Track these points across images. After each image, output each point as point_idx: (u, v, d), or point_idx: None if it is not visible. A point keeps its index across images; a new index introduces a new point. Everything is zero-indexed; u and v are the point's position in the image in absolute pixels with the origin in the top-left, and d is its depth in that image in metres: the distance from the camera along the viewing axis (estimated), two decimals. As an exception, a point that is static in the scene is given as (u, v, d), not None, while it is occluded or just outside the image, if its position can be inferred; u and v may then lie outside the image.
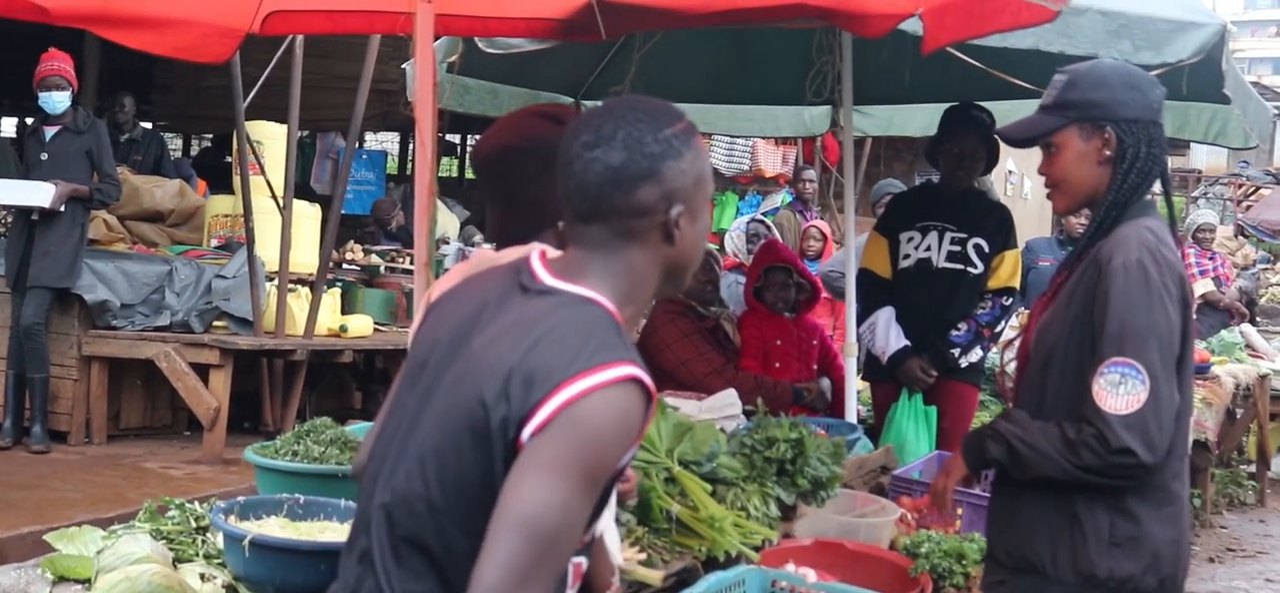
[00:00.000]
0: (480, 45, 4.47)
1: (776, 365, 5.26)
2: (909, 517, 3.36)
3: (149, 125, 11.64)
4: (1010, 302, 4.77)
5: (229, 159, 9.70)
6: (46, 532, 2.66)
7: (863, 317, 4.87)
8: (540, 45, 4.34)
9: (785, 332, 5.36)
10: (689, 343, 5.09)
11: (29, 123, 8.44)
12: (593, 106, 2.13)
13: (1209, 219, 10.71)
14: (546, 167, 1.93)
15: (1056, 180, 2.55)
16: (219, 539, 2.52)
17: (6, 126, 17.79)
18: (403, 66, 4.85)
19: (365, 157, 13.22)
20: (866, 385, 5.18)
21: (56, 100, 6.84)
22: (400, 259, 9.47)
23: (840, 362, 5.18)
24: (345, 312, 8.18)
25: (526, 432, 1.52)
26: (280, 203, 7.42)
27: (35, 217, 6.71)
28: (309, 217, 8.42)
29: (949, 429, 4.59)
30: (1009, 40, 3.75)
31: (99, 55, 10.37)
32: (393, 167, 15.40)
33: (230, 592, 2.44)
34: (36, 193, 6.67)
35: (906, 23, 3.49)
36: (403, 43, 3.85)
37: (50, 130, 6.91)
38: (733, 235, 8.11)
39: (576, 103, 5.76)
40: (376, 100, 9.73)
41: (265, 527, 2.49)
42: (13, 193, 6.83)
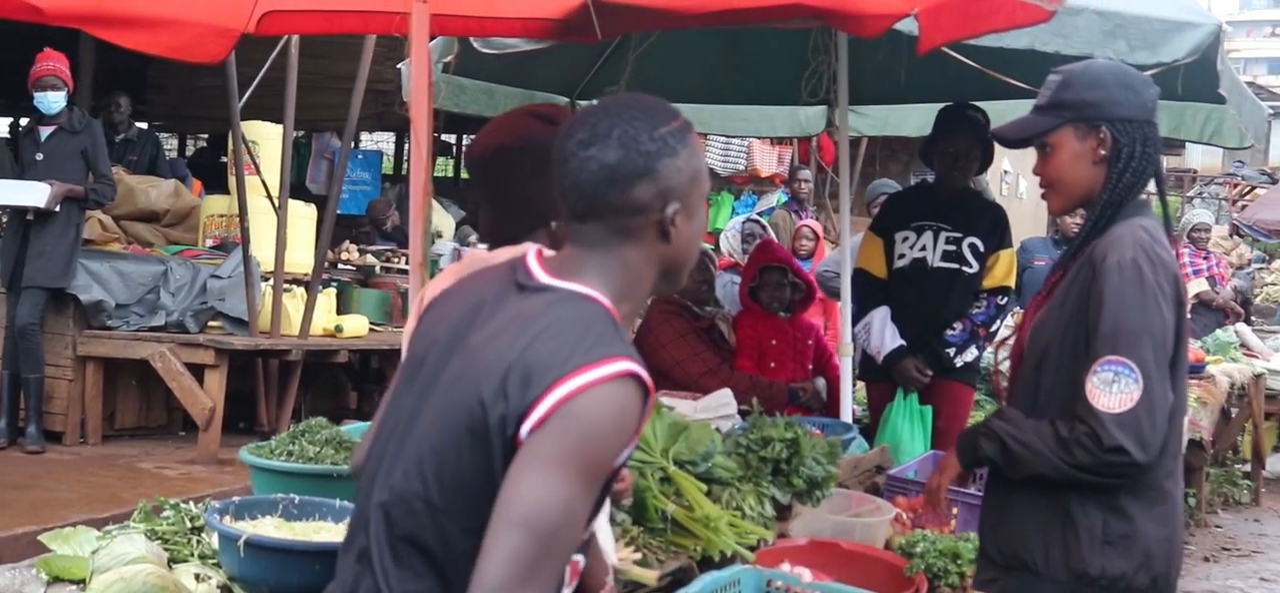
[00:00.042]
0: (475, 45, 4.46)
1: (772, 365, 5.26)
2: (904, 516, 3.36)
3: (144, 125, 11.60)
4: (1005, 301, 4.77)
5: (224, 159, 9.72)
6: (41, 532, 2.66)
7: (858, 317, 4.86)
8: (536, 45, 4.33)
9: (780, 331, 5.36)
10: (684, 343, 5.09)
11: (24, 123, 8.43)
12: (588, 105, 2.12)
13: (1204, 219, 10.71)
14: (540, 167, 1.94)
15: (1051, 180, 2.55)
16: (214, 540, 2.52)
17: (1, 127, 17.74)
18: (398, 66, 4.84)
19: (360, 157, 13.24)
20: (862, 385, 5.19)
21: (51, 100, 6.82)
22: (395, 259, 9.45)
23: (835, 361, 5.18)
24: (340, 312, 8.16)
25: (525, 428, 1.52)
26: (275, 203, 7.41)
27: (30, 217, 6.69)
28: (304, 217, 8.41)
29: (944, 429, 4.59)
30: (1004, 40, 3.74)
31: (94, 55, 10.34)
32: (388, 167, 15.40)
33: (225, 592, 2.43)
34: (31, 193, 6.66)
35: (902, 23, 3.49)
36: (398, 43, 3.84)
37: (45, 130, 6.89)
38: (728, 235, 8.12)
39: (572, 103, 5.75)
40: (372, 100, 9.72)
41: (260, 527, 2.49)
42: (8, 193, 6.81)
